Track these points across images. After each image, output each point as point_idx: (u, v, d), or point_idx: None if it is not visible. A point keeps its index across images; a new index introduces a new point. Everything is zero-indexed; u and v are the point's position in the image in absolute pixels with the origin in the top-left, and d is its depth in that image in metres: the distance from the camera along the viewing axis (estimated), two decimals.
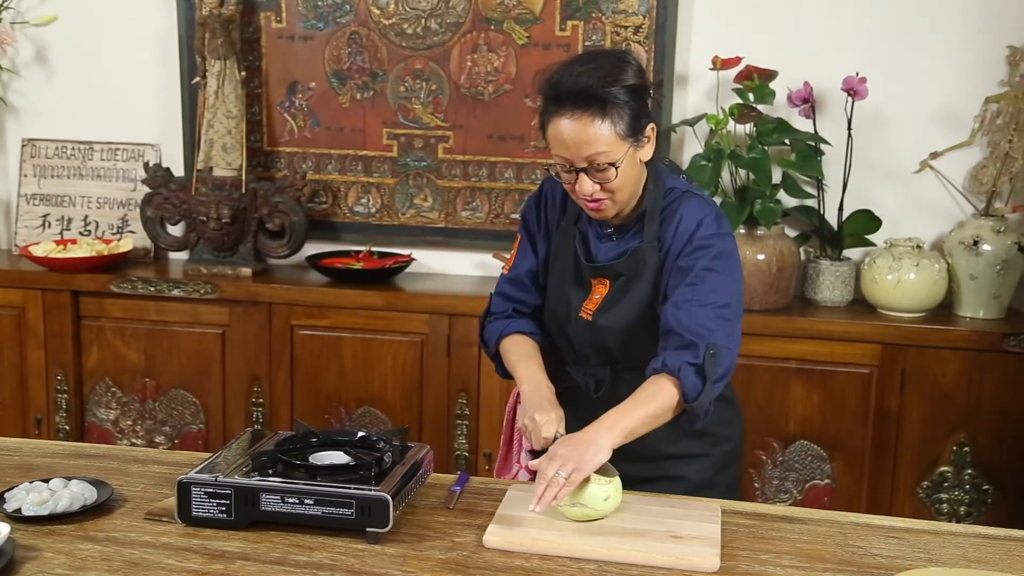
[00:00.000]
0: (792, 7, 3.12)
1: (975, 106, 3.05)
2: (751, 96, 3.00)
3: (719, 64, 3.02)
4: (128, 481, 1.92)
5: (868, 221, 3.09)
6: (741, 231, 2.99)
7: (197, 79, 3.34)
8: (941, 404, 2.91)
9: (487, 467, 3.12)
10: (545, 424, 1.85)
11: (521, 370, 2.02)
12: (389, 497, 1.66)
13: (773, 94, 3.02)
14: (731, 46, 3.07)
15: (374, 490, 1.68)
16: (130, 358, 3.32)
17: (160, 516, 1.76)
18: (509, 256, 2.13)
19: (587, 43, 3.19)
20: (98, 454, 2.07)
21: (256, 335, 3.23)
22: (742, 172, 3.04)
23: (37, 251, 3.34)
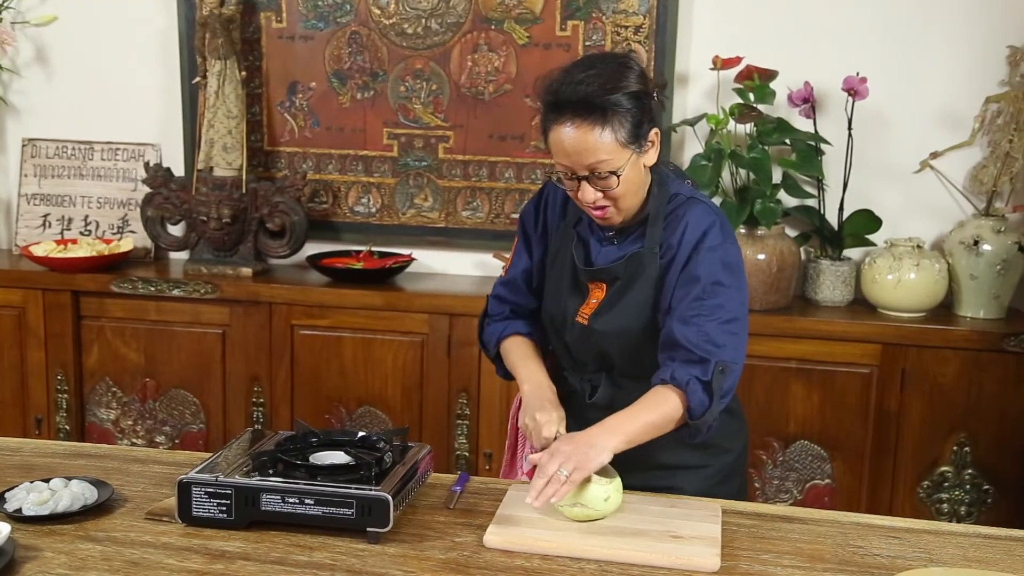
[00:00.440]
0: (792, 7, 3.12)
1: (975, 106, 3.05)
2: (751, 96, 3.00)
3: (719, 64, 3.02)
4: (128, 481, 1.92)
5: (868, 221, 3.09)
6: (741, 231, 2.99)
7: (197, 79, 3.34)
8: (941, 404, 2.91)
9: (487, 467, 3.12)
10: (546, 424, 1.85)
11: (522, 370, 2.01)
12: (389, 497, 1.66)
13: (773, 94, 3.02)
14: (731, 46, 3.07)
15: (374, 490, 1.68)
16: (130, 358, 3.32)
17: (160, 516, 1.76)
18: (508, 257, 2.13)
19: (587, 43, 3.19)
20: (98, 454, 2.07)
21: (256, 335, 3.23)
22: (742, 172, 3.04)
23: (37, 251, 3.34)
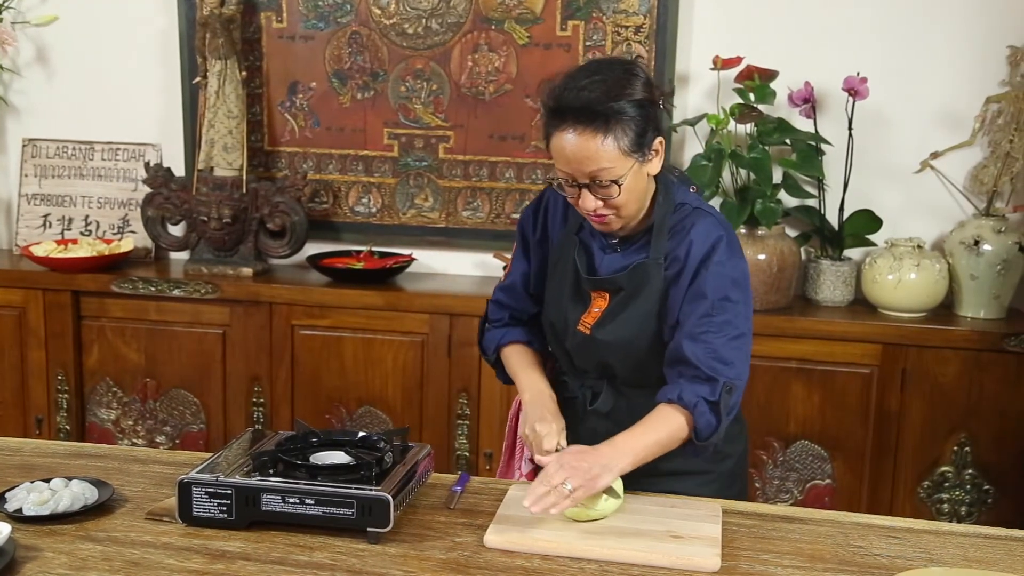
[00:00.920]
0: (793, 7, 3.11)
1: (976, 106, 3.05)
2: (752, 96, 3.00)
3: (720, 64, 3.02)
4: (129, 481, 1.92)
5: (869, 221, 3.09)
6: (742, 231, 2.99)
7: (198, 79, 3.34)
8: (942, 404, 2.91)
9: (488, 467, 3.12)
10: (547, 436, 1.84)
11: (522, 378, 2.01)
12: (390, 497, 1.67)
13: (774, 94, 3.02)
14: (732, 46, 3.07)
15: (375, 490, 1.68)
16: (131, 358, 3.32)
17: (161, 516, 1.76)
18: (508, 258, 2.12)
19: (587, 43, 3.19)
20: (99, 454, 2.07)
21: (257, 335, 3.23)
22: (743, 172, 3.04)
23: (38, 251, 3.34)
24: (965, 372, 2.89)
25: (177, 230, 3.47)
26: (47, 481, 1.82)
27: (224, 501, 1.70)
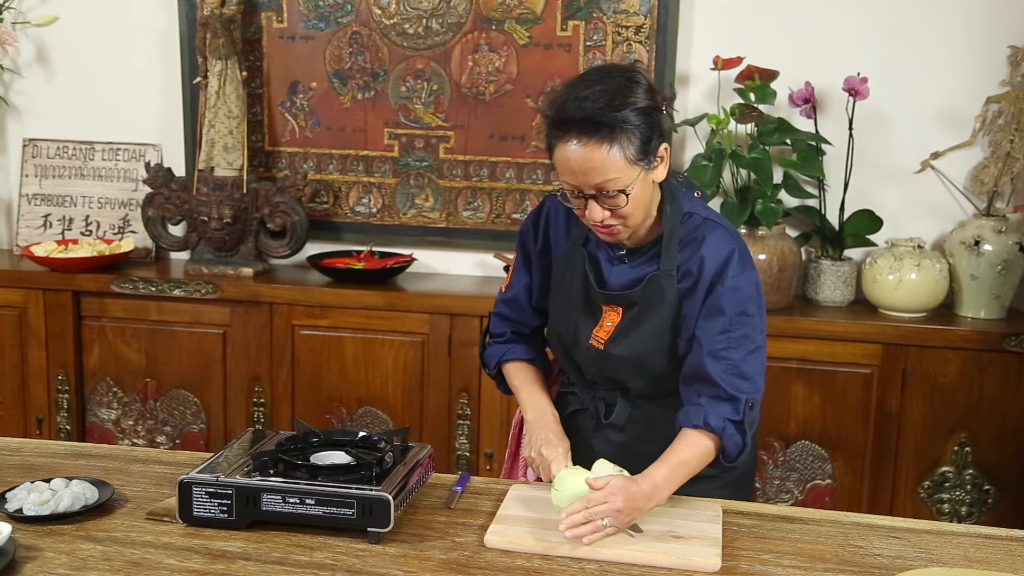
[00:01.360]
0: (793, 7, 3.11)
1: (976, 106, 3.05)
2: (752, 96, 3.00)
3: (720, 64, 3.02)
4: (129, 481, 1.92)
5: (869, 221, 3.09)
6: (742, 231, 2.99)
7: (198, 79, 3.34)
8: (942, 404, 2.91)
9: (488, 467, 3.12)
10: (554, 460, 1.84)
11: (524, 396, 2.00)
12: (390, 497, 1.67)
13: (774, 94, 3.02)
14: (732, 46, 3.07)
15: (375, 490, 1.68)
16: (131, 358, 3.32)
17: (161, 516, 1.76)
18: (507, 274, 2.10)
19: (588, 43, 3.19)
20: (99, 454, 2.07)
21: (257, 335, 3.23)
22: (743, 172, 3.04)
23: (38, 251, 3.34)
24: (966, 372, 2.89)
25: (177, 230, 3.47)
26: (47, 481, 1.82)
27: (224, 501, 1.70)
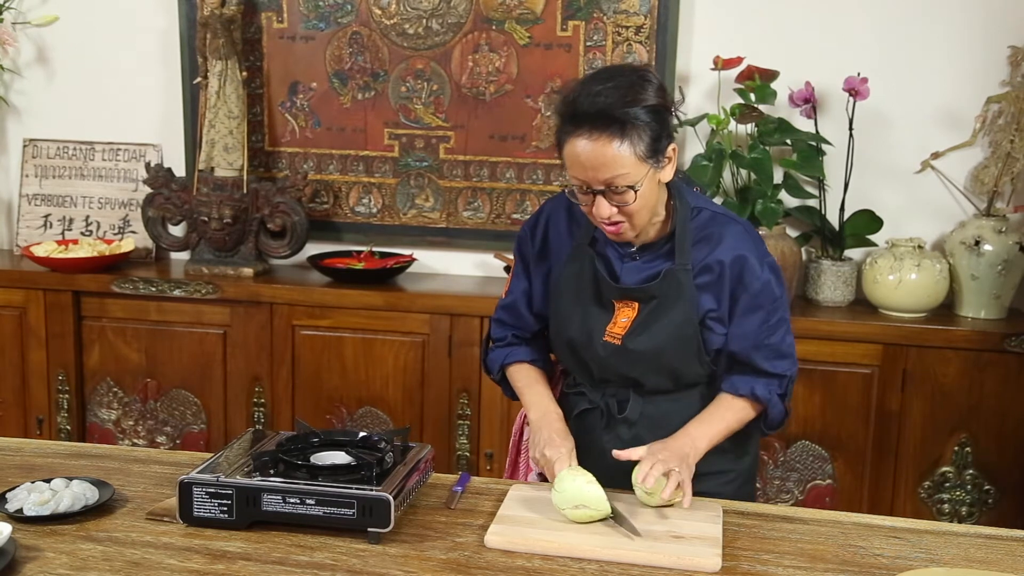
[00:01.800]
0: (794, 7, 3.11)
1: (976, 106, 3.05)
2: (752, 96, 3.00)
3: (720, 64, 3.02)
4: (129, 481, 1.92)
5: (869, 221, 3.09)
6: None
7: (198, 79, 3.34)
8: (942, 404, 2.91)
9: (489, 467, 3.12)
10: (558, 460, 1.84)
11: (527, 395, 2.01)
12: (390, 497, 1.67)
13: (774, 94, 3.02)
14: (732, 46, 3.07)
15: (375, 490, 1.68)
16: (131, 358, 3.32)
17: (161, 516, 1.76)
18: (507, 275, 2.11)
19: (588, 43, 3.19)
20: (99, 454, 2.07)
21: (257, 335, 3.23)
22: (743, 172, 3.04)
23: (38, 251, 3.34)
24: (966, 372, 2.89)
25: (178, 230, 3.47)
26: (48, 481, 1.82)
27: (225, 501, 1.70)
